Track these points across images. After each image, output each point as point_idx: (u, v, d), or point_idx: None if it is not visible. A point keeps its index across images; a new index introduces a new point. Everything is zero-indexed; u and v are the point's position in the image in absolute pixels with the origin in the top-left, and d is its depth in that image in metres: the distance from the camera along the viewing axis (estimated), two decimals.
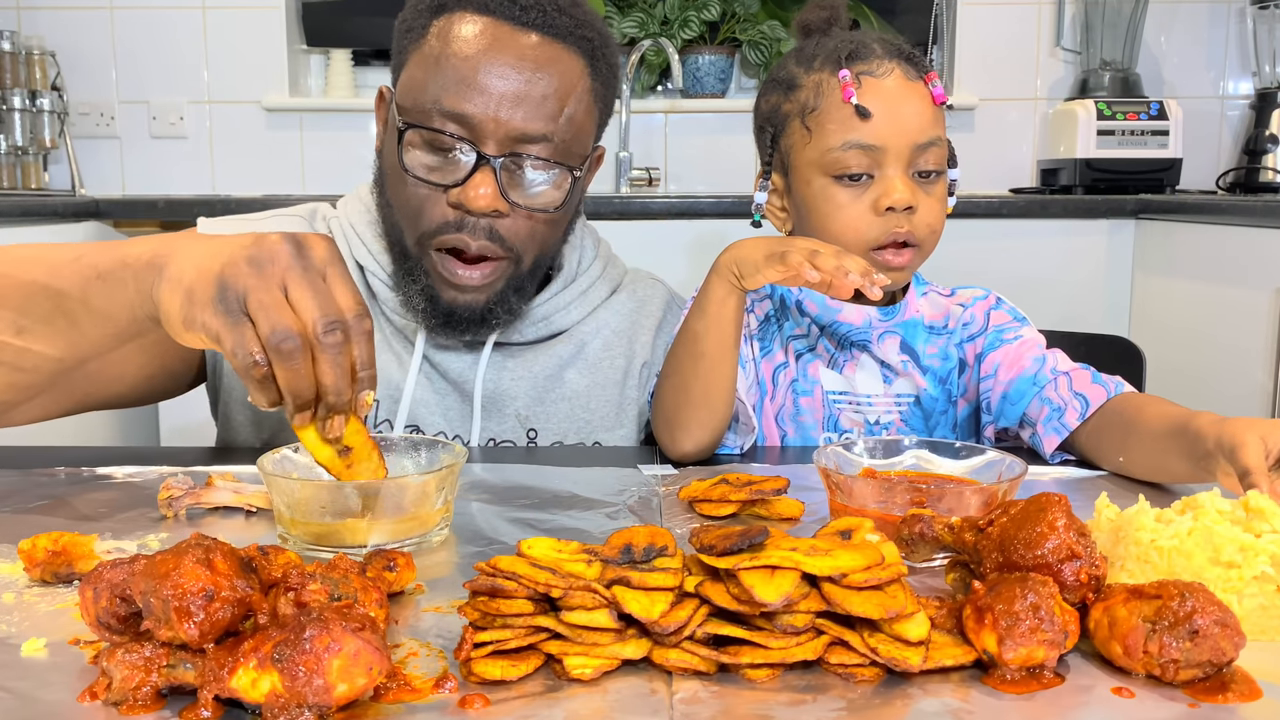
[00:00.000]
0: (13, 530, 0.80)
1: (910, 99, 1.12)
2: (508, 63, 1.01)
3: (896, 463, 0.88)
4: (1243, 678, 0.56)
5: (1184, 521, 0.67)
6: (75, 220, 2.44)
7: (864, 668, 0.57)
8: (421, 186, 1.03)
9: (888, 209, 1.10)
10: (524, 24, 1.03)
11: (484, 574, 0.58)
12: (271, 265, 0.73)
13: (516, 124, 1.01)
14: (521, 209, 1.04)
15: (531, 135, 1.02)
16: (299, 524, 0.77)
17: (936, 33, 3.18)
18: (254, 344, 0.72)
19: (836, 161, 1.11)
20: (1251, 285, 2.13)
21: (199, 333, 0.75)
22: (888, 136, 1.10)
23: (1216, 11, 3.13)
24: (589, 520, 0.84)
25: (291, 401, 0.73)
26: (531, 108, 1.01)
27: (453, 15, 1.04)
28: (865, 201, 1.11)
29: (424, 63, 1.03)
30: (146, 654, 0.54)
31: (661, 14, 3.14)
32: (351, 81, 3.20)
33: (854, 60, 1.13)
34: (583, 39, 1.06)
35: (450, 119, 1.01)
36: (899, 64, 1.13)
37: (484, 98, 1.00)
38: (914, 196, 1.11)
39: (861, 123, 1.10)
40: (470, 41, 1.02)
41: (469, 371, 1.15)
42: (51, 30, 3.07)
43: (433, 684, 0.55)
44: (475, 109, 1.00)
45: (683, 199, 2.61)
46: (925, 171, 1.12)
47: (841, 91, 1.11)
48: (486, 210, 1.02)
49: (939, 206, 1.14)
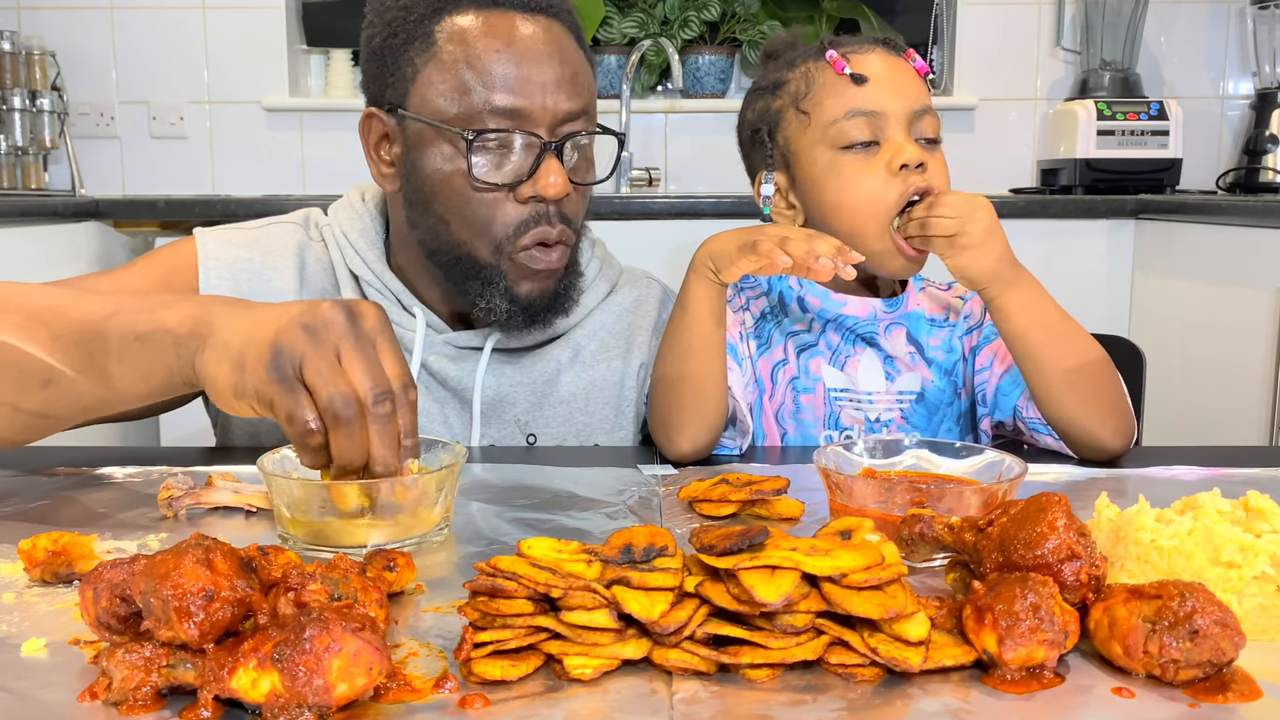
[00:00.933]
0: (13, 530, 0.80)
1: (898, 69, 1.14)
2: (531, 48, 1.03)
3: (896, 463, 0.88)
4: (1243, 678, 0.56)
5: (1184, 521, 0.67)
6: (75, 220, 2.44)
7: (864, 668, 0.57)
8: (490, 192, 1.03)
9: (901, 167, 1.09)
10: (528, 9, 1.05)
11: (484, 574, 0.58)
12: (326, 333, 0.74)
13: (560, 105, 1.03)
14: (581, 186, 1.07)
15: (574, 112, 1.05)
16: (299, 524, 0.77)
17: (936, 33, 3.18)
18: (309, 410, 0.72)
19: (840, 133, 1.12)
20: (1251, 285, 2.13)
21: (249, 400, 0.75)
22: (886, 100, 1.11)
23: (1216, 11, 3.13)
24: (589, 520, 0.84)
25: (341, 468, 0.74)
26: (567, 86, 1.04)
27: (454, 16, 1.03)
28: (877, 166, 1.11)
29: (449, 70, 1.02)
30: (146, 654, 0.54)
31: (661, 14, 3.14)
32: (351, 81, 3.20)
33: (835, 45, 1.15)
34: (564, 11, 1.08)
35: (504, 115, 1.02)
36: (878, 46, 1.15)
37: (530, 87, 1.02)
38: (923, 155, 1.11)
39: (859, 90, 1.11)
40: (490, 37, 1.02)
41: (467, 379, 1.14)
42: (51, 30, 3.07)
43: (433, 684, 0.55)
44: (523, 100, 1.02)
45: (683, 199, 2.61)
46: (925, 139, 1.13)
47: (834, 66, 1.13)
48: (561, 196, 1.03)
49: (945, 171, 1.14)
